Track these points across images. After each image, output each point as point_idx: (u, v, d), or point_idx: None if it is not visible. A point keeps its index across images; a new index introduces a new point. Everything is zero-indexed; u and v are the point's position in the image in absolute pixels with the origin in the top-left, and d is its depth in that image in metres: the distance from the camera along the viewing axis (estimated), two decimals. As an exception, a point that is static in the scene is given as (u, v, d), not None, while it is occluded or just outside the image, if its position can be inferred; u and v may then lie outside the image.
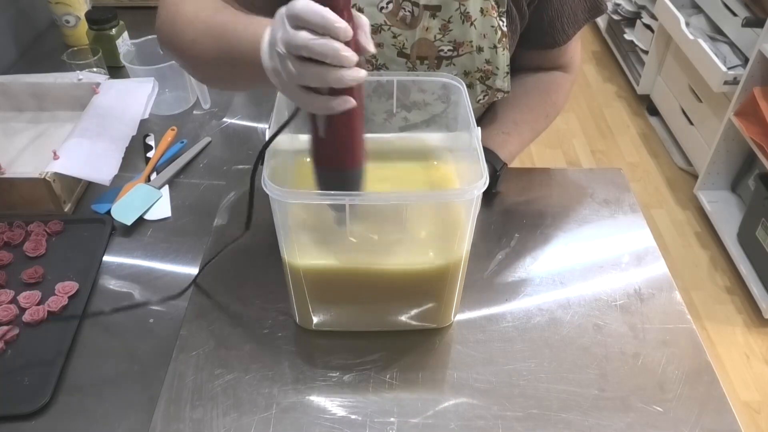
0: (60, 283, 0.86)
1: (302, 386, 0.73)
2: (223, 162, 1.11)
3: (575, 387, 0.74)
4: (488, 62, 0.90)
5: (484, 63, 0.90)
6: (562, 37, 0.96)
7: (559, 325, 0.81)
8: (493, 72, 0.91)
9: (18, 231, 0.94)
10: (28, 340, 0.80)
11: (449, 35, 0.88)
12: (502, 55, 0.90)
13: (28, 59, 1.41)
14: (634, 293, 0.85)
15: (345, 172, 0.66)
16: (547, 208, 0.98)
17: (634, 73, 2.94)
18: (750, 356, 1.89)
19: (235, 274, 0.86)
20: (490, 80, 0.92)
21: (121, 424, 0.72)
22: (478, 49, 0.89)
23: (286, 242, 0.70)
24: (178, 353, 0.76)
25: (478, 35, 0.88)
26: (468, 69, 0.91)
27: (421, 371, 0.75)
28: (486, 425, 0.70)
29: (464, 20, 0.87)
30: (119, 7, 1.50)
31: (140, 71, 1.19)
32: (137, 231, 0.97)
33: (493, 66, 0.91)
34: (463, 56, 0.90)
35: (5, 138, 1.12)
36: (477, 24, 0.87)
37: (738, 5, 2.16)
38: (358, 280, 0.74)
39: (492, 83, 0.92)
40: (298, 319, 0.79)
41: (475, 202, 0.66)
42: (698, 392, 0.73)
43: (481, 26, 0.87)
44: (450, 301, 0.77)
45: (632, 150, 2.69)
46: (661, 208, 2.40)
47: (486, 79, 0.92)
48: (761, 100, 1.93)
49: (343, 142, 0.64)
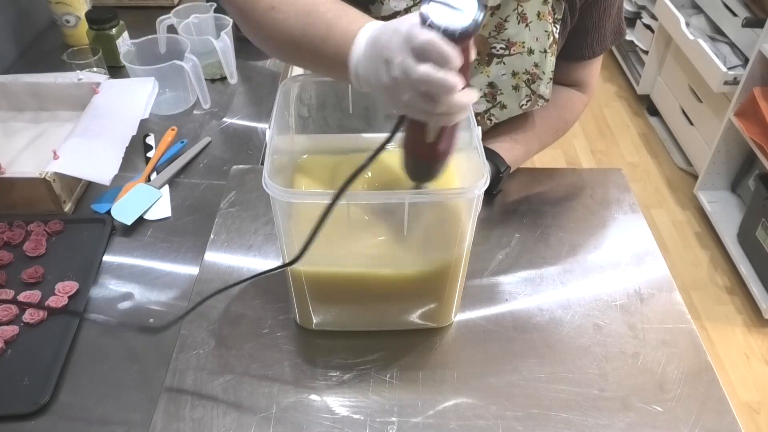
0: (60, 283, 0.86)
1: (302, 386, 0.73)
2: (223, 162, 1.11)
3: (575, 387, 0.74)
4: (537, 66, 0.91)
5: (532, 66, 0.91)
6: (588, 52, 0.98)
7: (559, 325, 0.81)
8: (539, 76, 0.92)
9: (18, 231, 0.94)
10: (28, 340, 0.80)
11: (504, 33, 0.88)
12: (550, 60, 0.91)
13: (28, 59, 1.41)
14: (634, 293, 0.85)
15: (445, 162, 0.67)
16: (547, 208, 0.98)
17: (634, 73, 2.94)
18: (750, 356, 1.89)
19: (235, 272, 0.86)
20: (535, 84, 0.92)
21: (121, 424, 0.72)
22: (529, 51, 0.89)
23: (286, 242, 0.70)
24: (178, 353, 0.76)
25: (531, 37, 0.89)
26: (517, 69, 0.91)
27: (421, 371, 0.75)
28: (486, 425, 0.70)
29: (520, 21, 0.87)
30: (119, 7, 1.50)
31: (140, 71, 1.19)
32: (137, 231, 0.97)
33: (540, 70, 0.91)
34: (514, 56, 0.90)
35: (5, 138, 1.12)
36: (532, 26, 0.88)
37: (738, 5, 2.16)
38: (358, 280, 0.74)
39: (537, 88, 0.93)
40: (298, 319, 0.79)
41: (476, 202, 0.66)
42: (698, 392, 0.73)
43: (535, 29, 0.88)
44: (450, 301, 0.77)
45: (632, 150, 2.69)
46: (661, 208, 2.40)
47: (531, 83, 0.92)
48: (761, 100, 1.93)
49: (451, 140, 0.65)
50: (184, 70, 1.18)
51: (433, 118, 0.58)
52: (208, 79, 1.30)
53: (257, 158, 1.12)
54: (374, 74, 0.60)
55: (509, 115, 0.96)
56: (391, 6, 0.85)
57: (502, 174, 0.95)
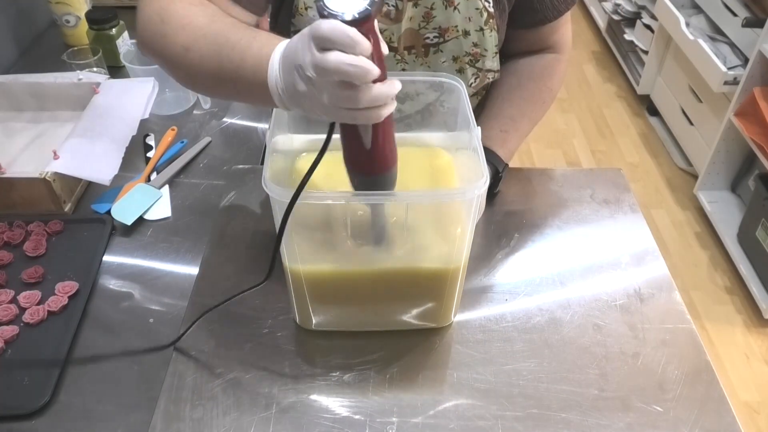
0: (60, 283, 0.86)
1: (302, 386, 0.73)
2: (223, 162, 1.11)
3: (575, 387, 0.74)
4: (476, 45, 0.90)
5: (471, 46, 0.90)
6: (552, 13, 0.94)
7: (559, 325, 0.81)
8: (481, 54, 0.90)
9: (18, 231, 0.94)
10: (28, 340, 0.80)
11: (433, 22, 0.87)
12: (490, 36, 0.90)
13: (28, 59, 1.41)
14: (634, 293, 0.85)
15: (390, 173, 0.66)
16: (547, 208, 0.98)
17: (634, 73, 2.94)
18: (750, 356, 1.89)
19: (235, 272, 0.86)
20: (479, 62, 0.91)
21: (121, 424, 0.72)
22: (464, 33, 0.88)
23: (286, 242, 0.70)
24: (178, 353, 0.76)
25: (463, 19, 0.87)
26: (456, 54, 0.90)
27: (421, 371, 0.75)
28: (486, 425, 0.70)
29: (447, 5, 0.86)
30: (119, 7, 1.50)
31: (140, 71, 1.19)
32: (137, 231, 0.97)
33: (481, 48, 0.90)
34: (450, 42, 0.89)
35: (5, 138, 1.12)
36: (461, 8, 0.86)
37: (738, 5, 2.16)
38: (358, 281, 0.74)
39: (482, 65, 0.92)
40: (298, 319, 0.79)
41: (476, 202, 0.66)
42: (698, 392, 0.73)
43: (465, 10, 0.87)
44: (450, 301, 0.77)
45: (632, 150, 2.69)
46: (661, 208, 2.40)
47: (475, 62, 0.91)
48: (761, 100, 1.93)
49: (389, 145, 0.64)
50: (184, 70, 1.18)
51: (360, 116, 0.57)
52: (208, 79, 1.30)
53: (257, 158, 1.12)
54: (292, 86, 0.59)
55: None
56: (312, 15, 0.85)
57: (501, 174, 0.94)
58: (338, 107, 0.57)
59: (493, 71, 0.94)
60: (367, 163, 0.65)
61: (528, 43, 1.00)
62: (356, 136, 0.62)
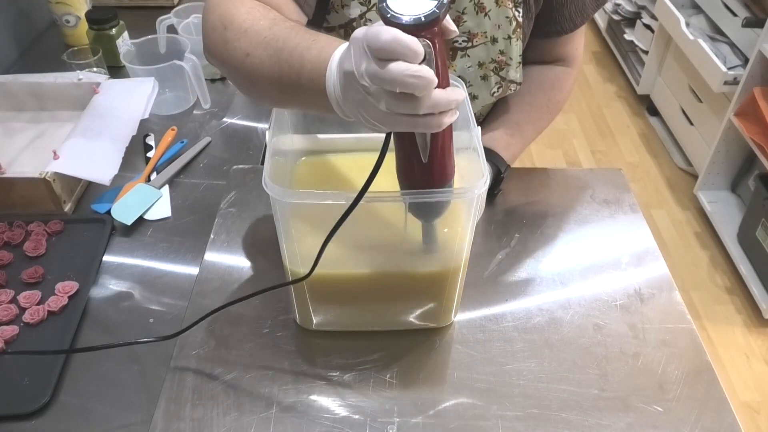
0: (60, 283, 0.86)
1: (302, 386, 0.73)
2: (223, 162, 1.11)
3: (575, 387, 0.74)
4: (502, 53, 0.90)
5: (498, 54, 0.90)
6: (569, 25, 0.95)
7: (559, 325, 0.81)
8: (506, 63, 0.91)
9: (18, 231, 0.94)
10: (28, 340, 0.80)
11: (463, 26, 0.88)
12: (516, 45, 0.90)
13: (28, 59, 1.41)
14: (634, 293, 0.85)
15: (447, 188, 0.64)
16: (547, 208, 0.98)
17: (634, 73, 2.94)
18: (750, 356, 1.89)
19: (235, 272, 0.86)
20: (503, 71, 0.92)
21: (121, 424, 0.72)
22: (492, 40, 0.89)
23: (286, 243, 0.70)
24: (178, 353, 0.76)
25: (492, 26, 0.88)
26: (482, 60, 0.91)
27: (421, 371, 0.75)
28: (486, 425, 0.70)
29: (478, 11, 0.87)
30: (119, 7, 1.50)
31: (140, 71, 1.19)
32: (137, 231, 0.97)
33: (506, 57, 0.91)
34: (477, 47, 0.90)
35: (5, 138, 1.12)
36: (491, 14, 0.87)
37: (738, 5, 2.16)
38: (358, 281, 0.74)
39: (506, 74, 0.92)
40: (299, 319, 0.79)
41: (476, 202, 0.65)
42: (698, 392, 0.73)
43: (495, 17, 0.87)
44: (450, 301, 0.76)
45: (632, 150, 2.69)
46: (661, 208, 2.40)
47: (500, 70, 0.92)
48: (761, 100, 1.93)
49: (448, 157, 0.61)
50: (184, 70, 1.18)
51: (419, 124, 0.54)
52: (208, 79, 1.30)
53: (257, 158, 1.12)
54: (348, 93, 0.56)
55: (482, 104, 0.95)
56: (346, 14, 0.85)
57: (503, 174, 0.95)
58: (397, 113, 0.54)
59: (516, 83, 0.94)
60: (424, 178, 0.62)
61: (541, 53, 1.01)
62: (414, 149, 0.59)
